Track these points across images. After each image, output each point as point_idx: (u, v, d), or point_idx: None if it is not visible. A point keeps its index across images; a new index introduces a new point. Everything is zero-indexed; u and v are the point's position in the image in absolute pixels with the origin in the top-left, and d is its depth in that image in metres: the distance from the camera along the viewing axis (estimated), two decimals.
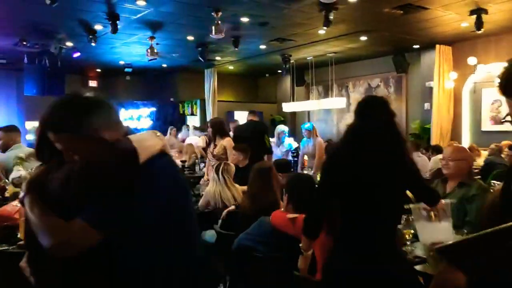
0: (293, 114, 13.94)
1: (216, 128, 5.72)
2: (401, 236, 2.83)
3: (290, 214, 2.44)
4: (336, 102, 11.17)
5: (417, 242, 2.86)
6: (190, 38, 8.99)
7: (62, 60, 10.21)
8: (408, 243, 2.82)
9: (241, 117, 11.11)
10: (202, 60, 9.83)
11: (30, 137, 12.00)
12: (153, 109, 12.86)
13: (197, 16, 7.45)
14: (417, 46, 10.15)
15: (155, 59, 10.55)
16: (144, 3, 6.68)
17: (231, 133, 6.53)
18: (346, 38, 9.24)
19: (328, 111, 12.79)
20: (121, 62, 11.53)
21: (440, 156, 6.14)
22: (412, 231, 2.81)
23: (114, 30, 7.45)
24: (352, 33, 8.78)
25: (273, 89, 14.79)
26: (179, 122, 12.68)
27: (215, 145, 5.63)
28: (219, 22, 7.26)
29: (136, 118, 12.54)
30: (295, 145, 7.79)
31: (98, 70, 12.98)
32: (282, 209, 2.59)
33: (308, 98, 13.32)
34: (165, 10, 7.11)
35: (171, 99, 13.63)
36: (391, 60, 10.82)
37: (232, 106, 13.93)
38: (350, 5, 6.96)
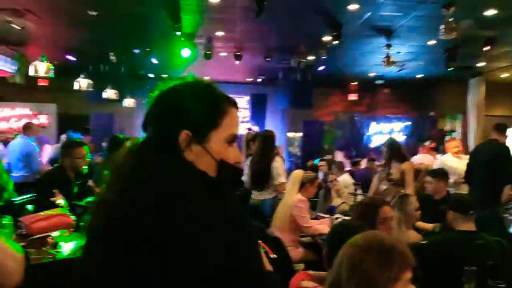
0: None
1: (394, 150, 4.75)
2: None
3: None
4: None
5: None
6: (432, 42, 7.79)
7: (313, 74, 10.59)
8: None
9: None
10: (449, 67, 8.38)
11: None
12: (407, 123, 11.81)
13: (424, 16, 6.36)
14: None
15: (401, 69, 9.77)
16: (357, 6, 6.13)
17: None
18: None
19: None
20: (371, 74, 11.07)
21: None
22: None
23: (337, 39, 7.13)
24: None
25: None
26: (437, 139, 11.25)
27: (389, 169, 4.65)
28: (451, 19, 5.98)
29: (388, 132, 11.78)
30: None
31: (355, 83, 12.87)
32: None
33: None
34: (385, 12, 6.34)
35: (431, 113, 12.25)
36: None
37: (509, 121, 11.44)
38: None
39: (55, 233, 2.14)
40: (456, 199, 3.16)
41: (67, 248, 2.12)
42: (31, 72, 7.70)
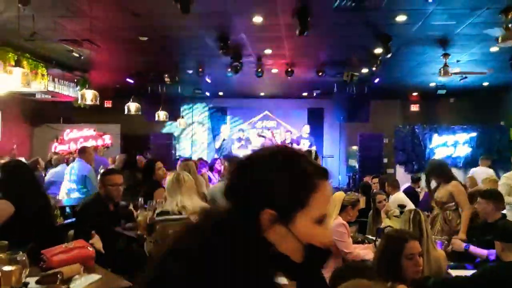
0: None
1: (436, 171, 4.44)
2: None
3: None
4: None
5: None
6: (495, 49, 7.28)
7: (369, 86, 10.30)
8: None
9: None
10: None
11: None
12: (473, 134, 11.07)
13: (481, 23, 5.96)
14: None
15: (464, 77, 9.25)
16: (405, 17, 5.87)
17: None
18: None
19: None
20: (432, 84, 10.56)
21: None
22: None
23: (387, 51, 6.89)
24: None
25: None
26: (508, 150, 10.48)
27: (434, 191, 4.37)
28: (510, 25, 5.55)
29: (452, 144, 11.11)
30: None
31: (415, 93, 12.36)
32: None
33: None
34: (436, 22, 6.02)
35: (501, 123, 11.42)
36: None
37: None
38: None
39: (65, 269, 2.18)
40: (502, 227, 2.87)
41: (78, 284, 2.16)
42: (79, 100, 8.15)
